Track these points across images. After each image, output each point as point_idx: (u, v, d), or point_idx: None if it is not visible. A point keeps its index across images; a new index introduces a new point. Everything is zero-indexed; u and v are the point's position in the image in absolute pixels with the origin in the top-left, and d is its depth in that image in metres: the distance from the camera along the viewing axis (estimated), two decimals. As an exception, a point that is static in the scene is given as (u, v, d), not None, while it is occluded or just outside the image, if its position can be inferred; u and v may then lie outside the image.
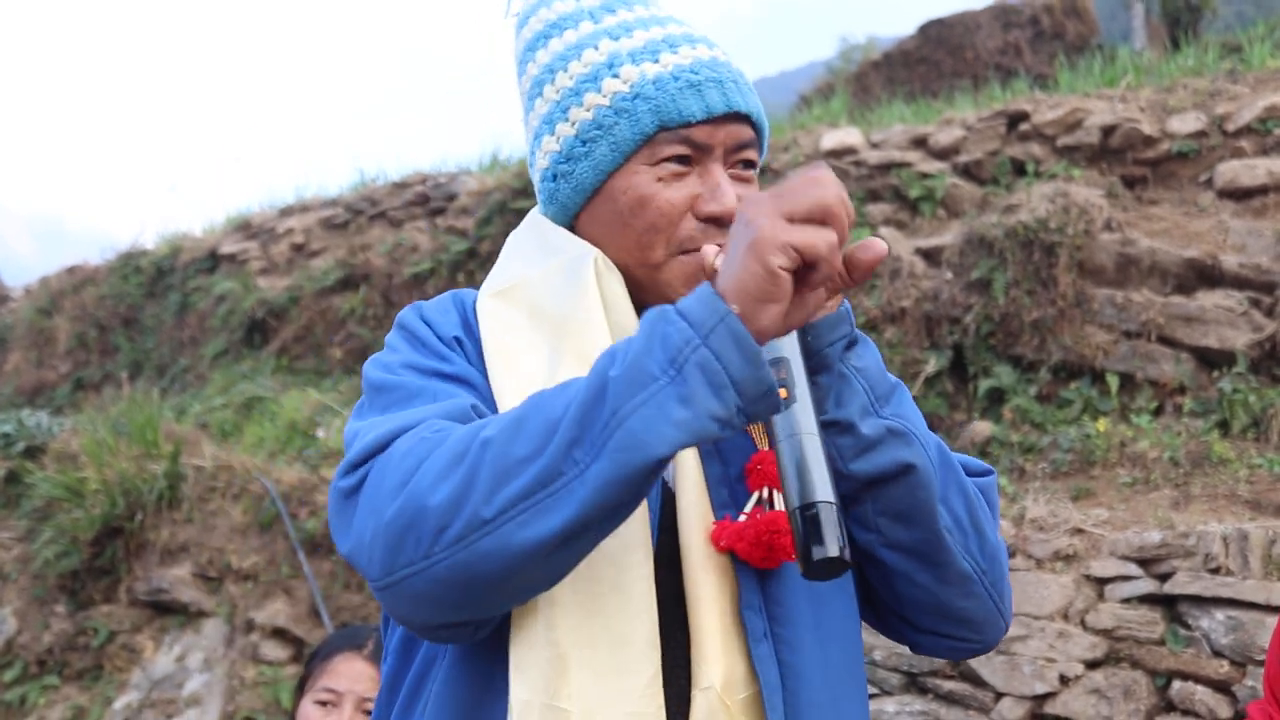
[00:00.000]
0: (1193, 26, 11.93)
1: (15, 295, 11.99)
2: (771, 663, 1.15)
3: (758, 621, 1.16)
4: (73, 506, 6.33)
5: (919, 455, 1.17)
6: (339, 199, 9.65)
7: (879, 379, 1.20)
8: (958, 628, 1.26)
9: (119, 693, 5.90)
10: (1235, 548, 3.89)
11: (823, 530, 1.02)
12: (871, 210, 6.62)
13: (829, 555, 1.01)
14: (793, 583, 1.18)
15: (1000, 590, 1.26)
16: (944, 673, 4.28)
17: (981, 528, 1.22)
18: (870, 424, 1.17)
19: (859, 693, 1.24)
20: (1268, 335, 5.07)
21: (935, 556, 1.20)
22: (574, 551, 1.04)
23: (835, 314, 1.18)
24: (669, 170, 1.24)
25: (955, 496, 1.21)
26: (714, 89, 1.25)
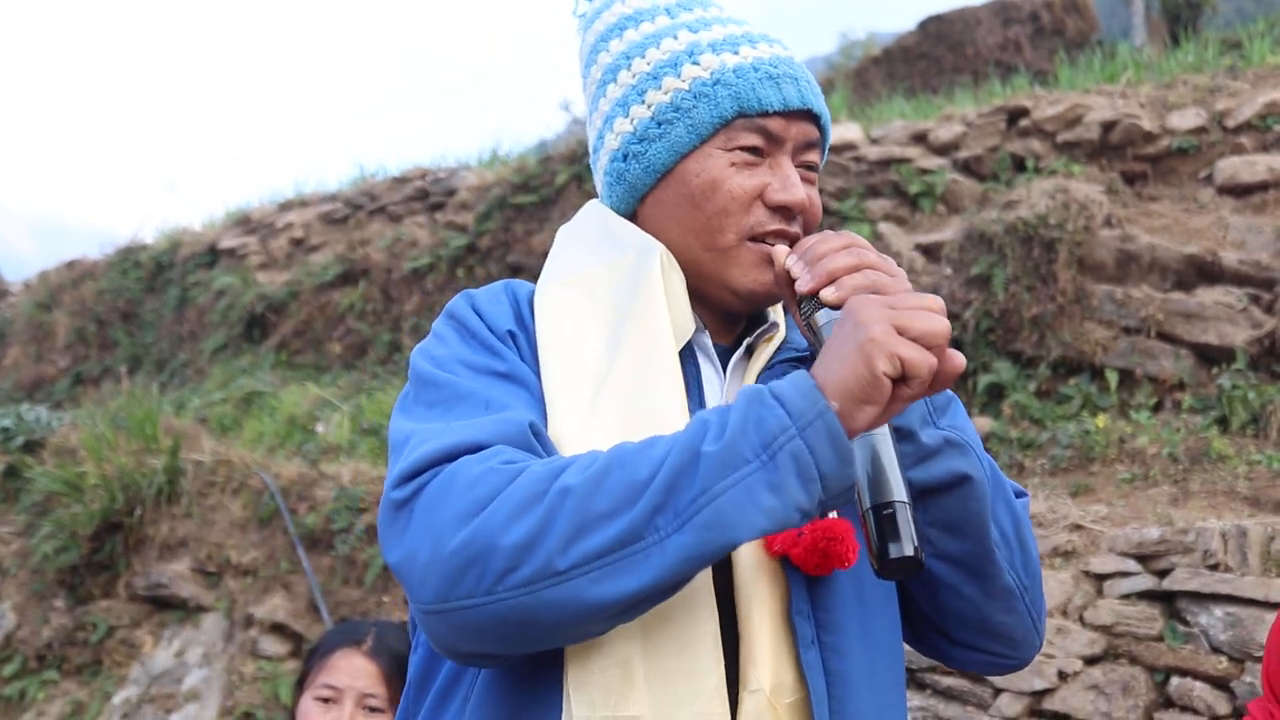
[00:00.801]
0: (1193, 22, 11.92)
1: (14, 290, 11.98)
2: (819, 669, 1.15)
3: (807, 627, 1.16)
4: (72, 501, 6.33)
5: (975, 467, 1.19)
6: (338, 194, 9.64)
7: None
8: (995, 643, 1.27)
9: (118, 687, 5.90)
10: (1234, 544, 3.90)
11: (899, 528, 1.04)
12: (871, 206, 6.62)
13: (905, 554, 1.03)
14: (842, 590, 1.19)
15: (1039, 608, 1.28)
16: (942, 669, 4.28)
17: (1026, 544, 1.25)
18: (929, 433, 1.19)
19: (901, 705, 1.24)
20: (1267, 332, 5.07)
21: (984, 569, 1.21)
22: (637, 613, 1.04)
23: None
24: (743, 157, 1.26)
25: (1004, 512, 1.23)
26: (791, 84, 1.28)
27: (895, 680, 1.24)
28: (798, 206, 1.26)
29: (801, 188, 1.27)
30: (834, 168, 6.79)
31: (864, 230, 6.40)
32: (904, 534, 1.04)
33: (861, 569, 1.17)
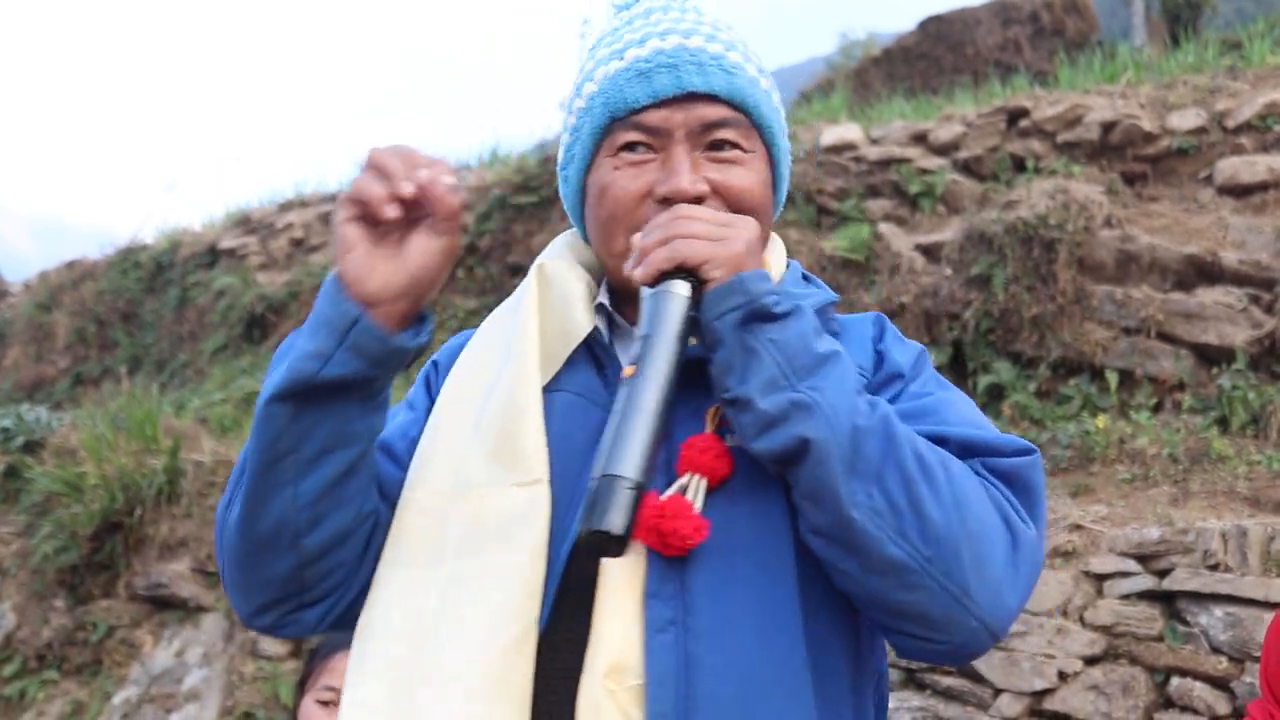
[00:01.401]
0: (1193, 23, 11.92)
1: (14, 290, 11.98)
2: (672, 653, 1.11)
3: (664, 610, 1.12)
4: (72, 501, 6.33)
5: (819, 429, 1.08)
6: (339, 194, 9.63)
7: (800, 351, 1.12)
8: (913, 625, 1.13)
9: (118, 687, 5.90)
10: (1234, 544, 3.90)
11: (594, 504, 1.02)
12: (871, 206, 6.62)
13: (589, 528, 1.02)
14: (712, 572, 1.14)
15: (963, 583, 1.10)
16: (942, 669, 4.29)
17: (922, 509, 1.08)
18: (773, 399, 1.10)
19: (789, 688, 1.13)
20: (1267, 332, 5.07)
21: (850, 541, 1.10)
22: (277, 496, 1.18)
23: (725, 285, 1.13)
24: (626, 159, 1.27)
25: (892, 474, 1.09)
26: (665, 73, 1.26)
27: (780, 667, 1.13)
28: (677, 195, 1.23)
29: (685, 175, 1.23)
30: (834, 168, 6.79)
31: (864, 230, 6.41)
32: (596, 510, 1.02)
33: (737, 546, 1.15)
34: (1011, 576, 1.13)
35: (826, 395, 1.10)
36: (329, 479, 1.18)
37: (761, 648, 1.13)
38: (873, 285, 6.16)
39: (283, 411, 1.15)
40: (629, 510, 1.02)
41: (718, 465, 1.17)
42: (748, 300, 1.12)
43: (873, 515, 1.08)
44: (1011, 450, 1.19)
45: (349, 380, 1.16)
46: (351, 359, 1.14)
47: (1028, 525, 1.16)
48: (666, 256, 1.13)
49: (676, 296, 1.13)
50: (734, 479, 1.18)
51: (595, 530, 1.02)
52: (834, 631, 1.19)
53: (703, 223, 1.16)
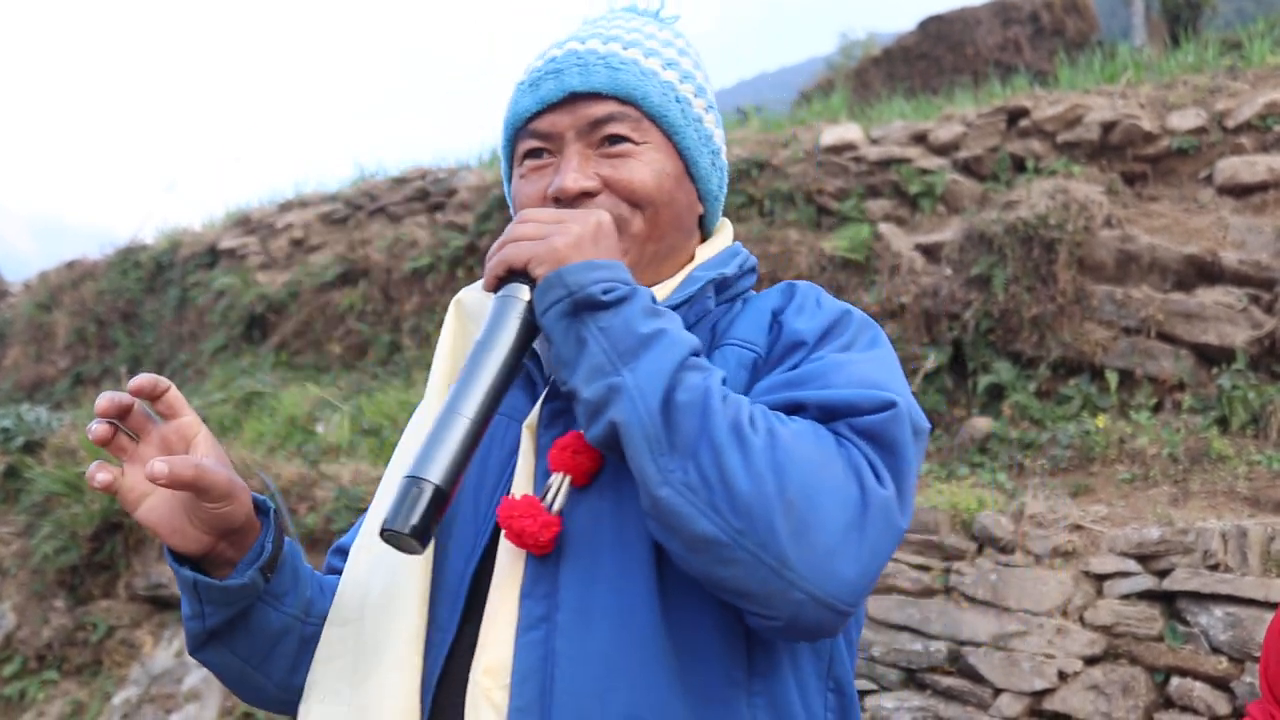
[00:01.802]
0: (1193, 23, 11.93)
1: (15, 291, 11.98)
2: (538, 649, 1.14)
3: (536, 608, 1.16)
4: (72, 502, 6.34)
5: (623, 410, 1.08)
6: (338, 194, 9.64)
7: (623, 335, 1.11)
8: (741, 601, 1.08)
9: (118, 688, 5.90)
10: (1234, 544, 3.90)
11: (395, 501, 1.06)
12: (871, 206, 6.62)
13: (384, 526, 1.06)
14: (575, 568, 1.16)
15: (779, 553, 1.03)
16: (942, 669, 4.29)
17: (730, 479, 1.04)
18: (594, 387, 1.10)
19: (646, 678, 1.13)
20: (1267, 332, 5.07)
21: (666, 521, 1.07)
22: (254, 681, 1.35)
23: (545, 281, 1.15)
24: (528, 166, 1.32)
25: (705, 447, 1.05)
26: (550, 80, 1.30)
27: (640, 653, 1.13)
28: (560, 194, 1.27)
29: (568, 174, 1.27)
30: (834, 168, 6.79)
31: (864, 230, 6.41)
32: (394, 507, 1.06)
33: (600, 541, 1.17)
34: (853, 542, 1.06)
35: (636, 375, 1.09)
36: (291, 658, 1.32)
37: (618, 637, 1.13)
38: (873, 285, 6.16)
39: (214, 655, 1.30)
40: (423, 511, 1.05)
41: (578, 462, 1.18)
42: (568, 292, 1.13)
43: (685, 491, 1.05)
44: (871, 407, 1.12)
45: (233, 619, 1.27)
46: (215, 610, 1.25)
47: (883, 485, 1.08)
48: (497, 261, 1.18)
49: (513, 300, 1.16)
50: (604, 473, 1.19)
51: (385, 528, 1.06)
52: (701, 615, 1.16)
53: (533, 224, 1.19)
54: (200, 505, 1.20)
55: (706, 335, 1.30)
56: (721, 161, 1.41)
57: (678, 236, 1.34)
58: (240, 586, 1.24)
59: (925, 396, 5.72)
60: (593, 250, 1.17)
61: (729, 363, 1.24)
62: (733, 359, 1.25)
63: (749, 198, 6.92)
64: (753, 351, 1.26)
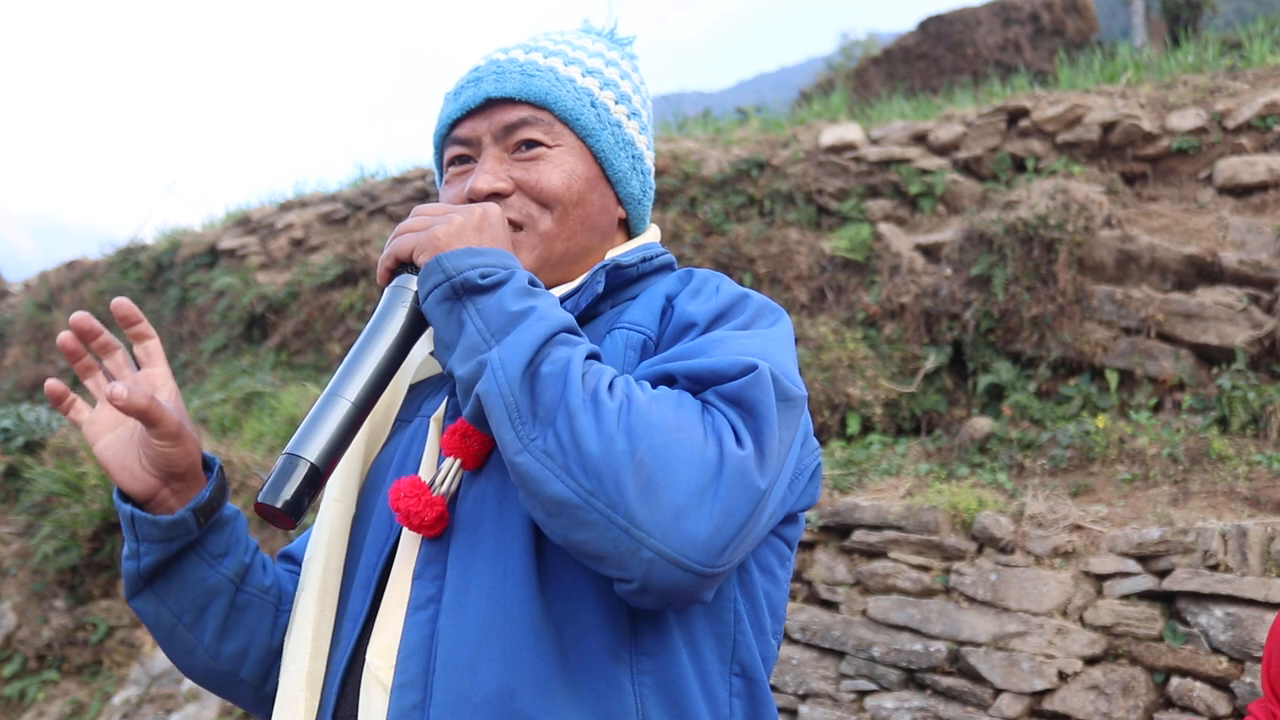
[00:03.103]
0: (1193, 23, 11.93)
1: (15, 290, 11.98)
2: (425, 628, 1.18)
3: (427, 588, 1.20)
4: (72, 501, 6.34)
5: (485, 382, 1.11)
6: (338, 194, 9.64)
7: (495, 314, 1.15)
8: (600, 565, 1.09)
9: (118, 688, 5.90)
10: (1234, 544, 3.90)
11: (272, 477, 1.10)
12: (871, 206, 6.62)
13: (258, 500, 1.10)
14: (459, 547, 1.20)
15: (628, 512, 1.05)
16: (942, 669, 4.29)
17: (581, 441, 1.06)
18: (467, 366, 1.14)
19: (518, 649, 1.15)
20: (1267, 332, 5.07)
21: (526, 487, 1.09)
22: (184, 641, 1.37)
23: (424, 269, 1.19)
24: (452, 172, 1.39)
25: (561, 414, 1.08)
26: (469, 88, 1.38)
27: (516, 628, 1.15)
28: (473, 194, 1.33)
29: (480, 176, 1.33)
30: (834, 168, 6.79)
31: (864, 230, 6.41)
32: (270, 482, 1.10)
33: (483, 522, 1.21)
34: (706, 502, 1.06)
35: (501, 350, 1.12)
36: (221, 623, 1.35)
37: (491, 611, 1.16)
38: (873, 285, 6.16)
39: (146, 602, 1.33)
40: (297, 486, 1.10)
41: (467, 446, 1.23)
42: (446, 276, 1.17)
43: (543, 457, 1.07)
44: (735, 373, 1.13)
45: (164, 561, 1.31)
46: (151, 547, 1.29)
47: (741, 446, 1.09)
48: (385, 253, 1.24)
49: (402, 290, 1.21)
50: (492, 458, 1.24)
51: (259, 502, 1.09)
52: (581, 589, 1.18)
53: (421, 217, 1.25)
54: (150, 444, 1.26)
55: (603, 327, 1.33)
56: (644, 166, 1.45)
57: (589, 237, 1.38)
58: (171, 523, 1.28)
59: (925, 396, 5.73)
60: (475, 238, 1.22)
61: (618, 345, 1.27)
62: (621, 341, 1.28)
63: (749, 198, 6.92)
64: (642, 334, 1.28)
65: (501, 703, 1.13)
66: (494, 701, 1.13)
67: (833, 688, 4.50)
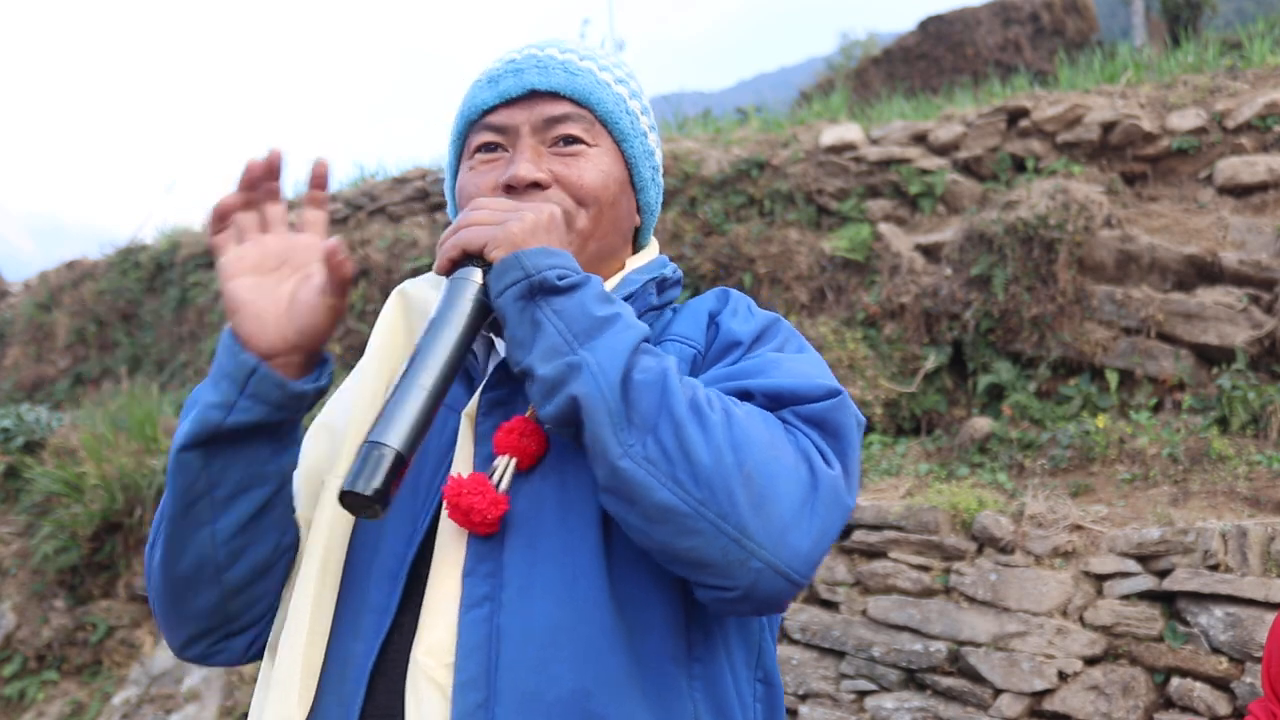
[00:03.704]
0: (1193, 23, 11.94)
1: (14, 290, 11.98)
2: (482, 627, 1.16)
3: (480, 586, 1.18)
4: (72, 502, 6.34)
5: (584, 385, 1.11)
6: (338, 194, 9.64)
7: (579, 317, 1.15)
8: (700, 573, 1.12)
9: (118, 688, 5.90)
10: (1234, 544, 3.90)
11: (357, 465, 1.07)
12: (871, 206, 6.62)
13: (342, 488, 1.07)
14: (519, 546, 1.19)
15: (739, 524, 1.09)
16: (943, 669, 4.29)
17: (691, 453, 1.09)
18: (552, 366, 1.14)
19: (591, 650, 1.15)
20: (1267, 332, 5.07)
21: (626, 492, 1.11)
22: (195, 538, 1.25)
23: (501, 264, 1.19)
24: (480, 159, 1.37)
25: (665, 423, 1.11)
26: (510, 77, 1.36)
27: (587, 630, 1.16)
28: (516, 182, 1.31)
29: (522, 164, 1.32)
30: (834, 168, 6.79)
31: (864, 230, 6.41)
32: (356, 470, 1.07)
33: (545, 521, 1.20)
34: (806, 517, 1.12)
35: (596, 354, 1.13)
36: (245, 516, 1.25)
37: (563, 611, 1.16)
38: (873, 285, 6.16)
39: (194, 459, 1.22)
40: (385, 474, 1.07)
41: (524, 445, 1.22)
42: (525, 274, 1.17)
43: (645, 464, 1.10)
44: (816, 395, 1.20)
45: (253, 425, 1.22)
46: (253, 405, 1.21)
47: (831, 466, 1.16)
48: (452, 244, 1.22)
49: (466, 282, 1.20)
50: (548, 458, 1.23)
51: (347, 491, 1.07)
52: (648, 593, 1.20)
53: (488, 210, 1.23)
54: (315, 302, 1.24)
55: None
56: (659, 180, 1.48)
57: (616, 240, 1.40)
58: (297, 392, 1.22)
59: (925, 396, 5.72)
60: (545, 239, 1.22)
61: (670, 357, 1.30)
62: (674, 353, 1.30)
63: (749, 198, 6.92)
64: (693, 348, 1.32)
65: (577, 703, 1.13)
66: (568, 702, 1.13)
67: (833, 688, 4.50)
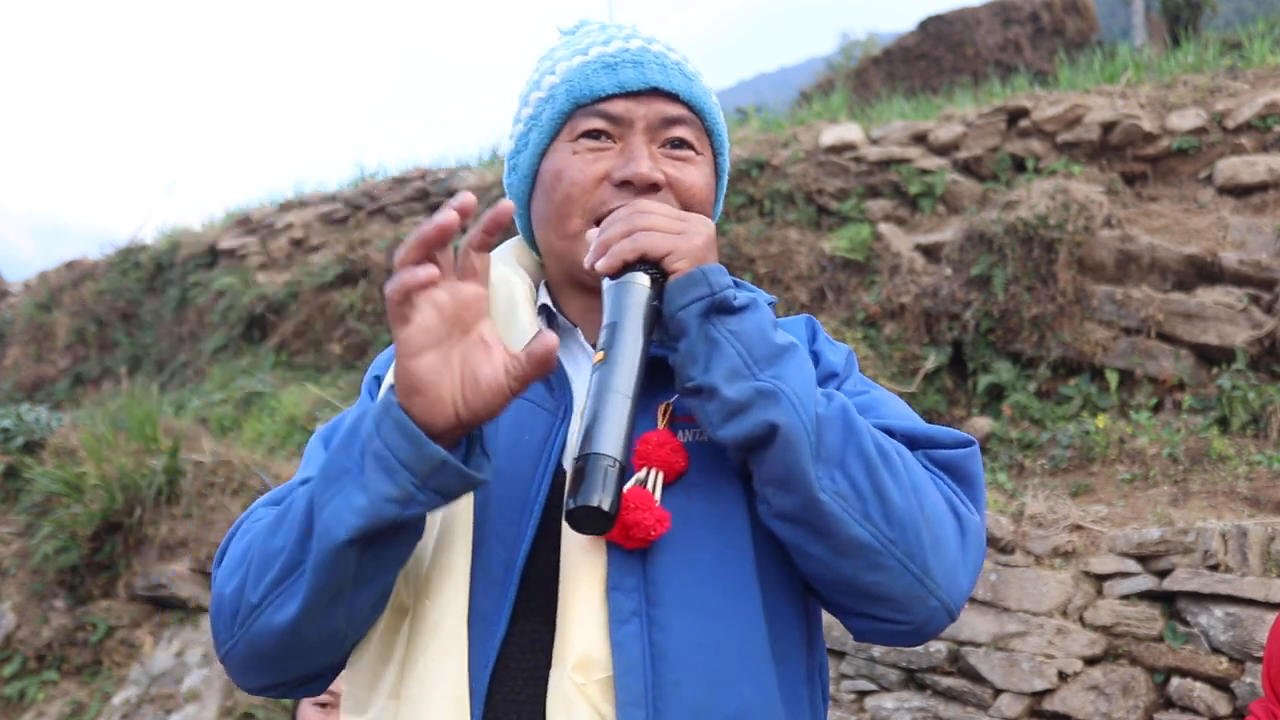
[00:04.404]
0: (1193, 23, 11.94)
1: (14, 290, 11.98)
2: (638, 643, 1.13)
3: (627, 602, 1.15)
4: (72, 502, 6.33)
5: (786, 414, 1.11)
6: (338, 194, 9.65)
7: (759, 341, 1.15)
8: (877, 606, 1.17)
9: (118, 688, 5.90)
10: (1234, 544, 3.89)
11: (583, 480, 1.05)
12: (871, 206, 6.62)
13: (577, 504, 1.04)
14: (672, 563, 1.16)
15: (923, 562, 1.14)
16: (943, 669, 4.29)
17: (885, 493, 1.12)
18: (738, 388, 1.13)
19: (752, 671, 1.17)
20: (1267, 332, 5.07)
21: (818, 525, 1.13)
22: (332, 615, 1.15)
23: (688, 276, 1.16)
24: (585, 145, 1.31)
25: (854, 460, 1.13)
26: (630, 68, 1.32)
27: (745, 649, 1.16)
28: (638, 179, 1.27)
29: (644, 162, 1.28)
30: (834, 168, 6.79)
31: (864, 230, 6.41)
32: (585, 486, 1.04)
33: (696, 538, 1.18)
34: (963, 559, 1.19)
35: (790, 383, 1.13)
36: (385, 587, 1.18)
37: (724, 632, 1.15)
38: (873, 285, 6.16)
39: (355, 552, 1.11)
40: (615, 487, 1.05)
41: (674, 459, 1.20)
42: (711, 292, 1.16)
43: (838, 498, 1.12)
44: (951, 442, 1.24)
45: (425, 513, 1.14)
46: (433, 498, 1.10)
47: (971, 512, 1.21)
48: (631, 248, 1.17)
49: (639, 287, 1.16)
50: (689, 472, 1.21)
51: (585, 506, 1.04)
52: (790, 614, 1.22)
53: (662, 216, 1.20)
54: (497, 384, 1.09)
55: None
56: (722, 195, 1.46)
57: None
58: (479, 484, 1.13)
59: (925, 396, 5.72)
60: (713, 256, 1.21)
61: None
62: None
63: (749, 198, 6.92)
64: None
65: None
66: None
67: (833, 688, 4.50)
